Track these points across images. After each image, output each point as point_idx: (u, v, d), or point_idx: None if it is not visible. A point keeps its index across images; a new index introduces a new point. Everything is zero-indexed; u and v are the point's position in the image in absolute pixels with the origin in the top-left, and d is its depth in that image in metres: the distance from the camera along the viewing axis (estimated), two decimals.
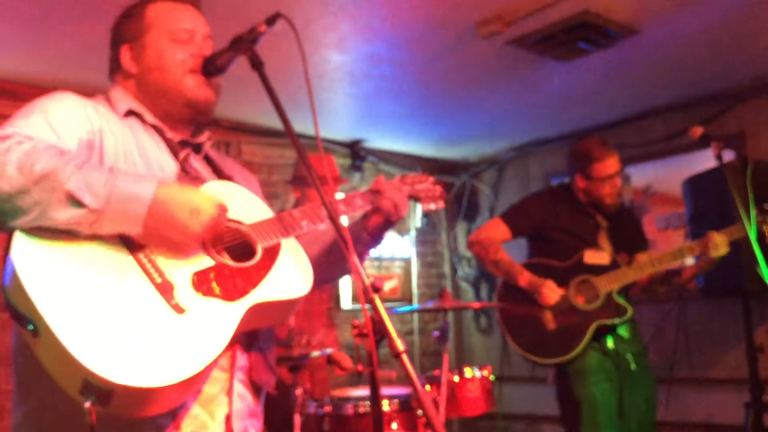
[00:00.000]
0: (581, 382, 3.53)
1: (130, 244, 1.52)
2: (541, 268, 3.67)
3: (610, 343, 3.59)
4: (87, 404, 1.35)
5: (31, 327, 1.38)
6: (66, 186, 1.41)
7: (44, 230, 1.44)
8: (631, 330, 3.69)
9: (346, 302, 5.73)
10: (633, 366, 3.59)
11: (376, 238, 2.04)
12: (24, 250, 1.42)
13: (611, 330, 3.61)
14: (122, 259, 1.50)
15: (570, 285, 3.60)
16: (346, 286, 5.73)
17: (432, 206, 2.21)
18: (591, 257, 3.66)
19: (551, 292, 3.56)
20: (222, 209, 1.59)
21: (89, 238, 1.48)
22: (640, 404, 3.59)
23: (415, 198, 2.16)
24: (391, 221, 2.00)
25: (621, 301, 3.60)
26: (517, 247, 3.85)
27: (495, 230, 3.80)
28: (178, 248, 1.55)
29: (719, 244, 3.44)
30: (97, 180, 1.44)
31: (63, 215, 1.42)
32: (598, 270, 3.64)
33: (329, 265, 2.00)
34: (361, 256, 2.07)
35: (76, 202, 1.42)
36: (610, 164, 3.64)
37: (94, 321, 1.39)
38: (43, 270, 1.41)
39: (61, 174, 1.41)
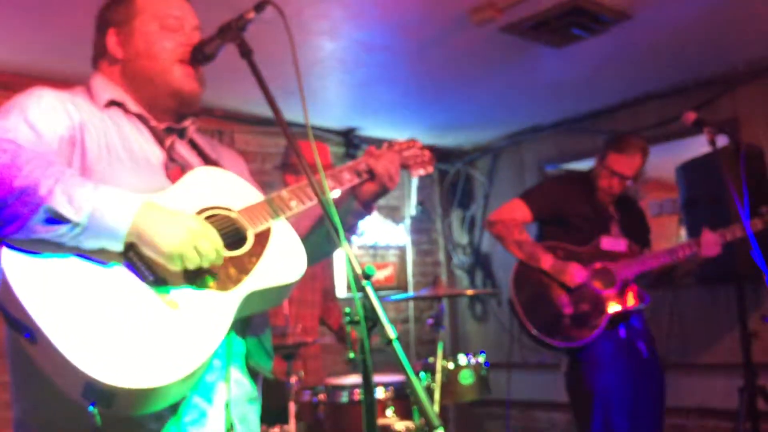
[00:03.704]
0: (595, 370, 3.55)
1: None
2: (558, 252, 3.69)
3: (622, 332, 3.62)
4: (90, 408, 1.35)
5: (27, 335, 1.37)
6: (46, 201, 1.39)
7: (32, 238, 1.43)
8: (641, 319, 3.72)
9: (341, 291, 5.72)
10: (645, 355, 3.61)
11: (367, 208, 2.02)
12: (13, 258, 1.40)
13: (624, 318, 3.63)
14: (112, 259, 1.49)
15: (588, 270, 3.63)
16: (340, 274, 5.73)
17: (421, 172, 2.18)
18: (608, 244, 3.70)
19: (577, 272, 3.58)
20: (205, 233, 1.54)
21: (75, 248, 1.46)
22: (651, 392, 3.62)
23: (405, 165, 2.12)
24: (386, 189, 1.98)
25: (638, 288, 3.62)
26: None
27: (516, 211, 3.81)
28: (160, 266, 1.53)
29: (708, 246, 3.50)
30: (81, 195, 1.43)
31: (43, 229, 1.41)
32: (614, 256, 3.67)
33: (323, 237, 1.99)
34: (352, 228, 2.06)
35: (57, 217, 1.40)
36: (624, 162, 3.67)
37: (90, 325, 1.38)
38: (34, 277, 1.40)
39: (42, 188, 1.40)
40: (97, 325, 1.39)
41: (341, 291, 5.72)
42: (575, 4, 3.60)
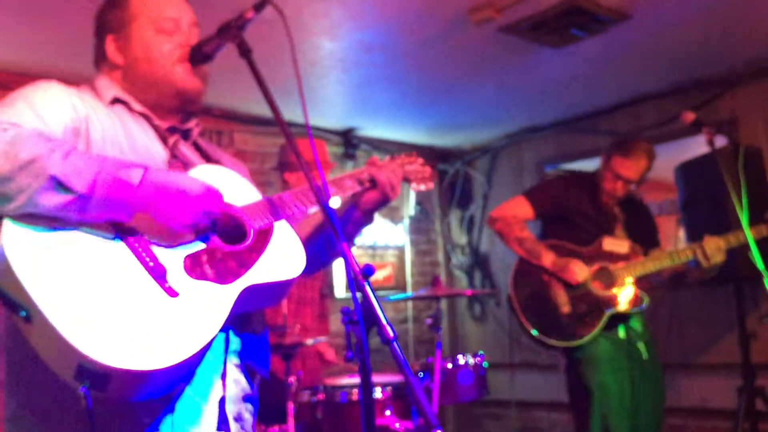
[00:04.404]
0: (594, 370, 3.55)
1: (120, 228, 1.52)
2: (560, 250, 3.68)
3: (621, 332, 3.61)
4: (82, 389, 1.35)
5: (23, 313, 1.38)
6: (51, 171, 1.39)
7: (34, 216, 1.43)
8: (642, 321, 3.71)
9: (340, 291, 5.72)
10: (645, 355, 3.61)
11: (368, 216, 2.04)
12: (14, 236, 1.41)
13: (623, 320, 3.62)
14: (113, 243, 1.50)
15: (589, 270, 3.62)
16: (339, 274, 5.73)
17: (422, 187, 2.22)
18: (610, 245, 3.70)
19: (580, 269, 3.57)
20: (210, 192, 1.57)
21: (80, 224, 1.47)
22: (650, 393, 3.62)
23: (406, 179, 2.16)
24: (387, 199, 2.01)
25: (637, 290, 3.61)
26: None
27: (519, 208, 3.80)
28: (168, 234, 1.55)
29: (712, 252, 3.48)
30: (86, 165, 1.43)
31: (50, 201, 1.40)
32: (616, 258, 3.66)
33: (321, 246, 2.01)
34: (353, 236, 2.08)
35: (63, 188, 1.40)
36: (629, 166, 3.66)
37: (87, 305, 1.39)
38: (34, 256, 1.40)
39: (47, 160, 1.40)
40: (94, 306, 1.40)
41: (340, 291, 5.73)
42: (574, 4, 3.60)
